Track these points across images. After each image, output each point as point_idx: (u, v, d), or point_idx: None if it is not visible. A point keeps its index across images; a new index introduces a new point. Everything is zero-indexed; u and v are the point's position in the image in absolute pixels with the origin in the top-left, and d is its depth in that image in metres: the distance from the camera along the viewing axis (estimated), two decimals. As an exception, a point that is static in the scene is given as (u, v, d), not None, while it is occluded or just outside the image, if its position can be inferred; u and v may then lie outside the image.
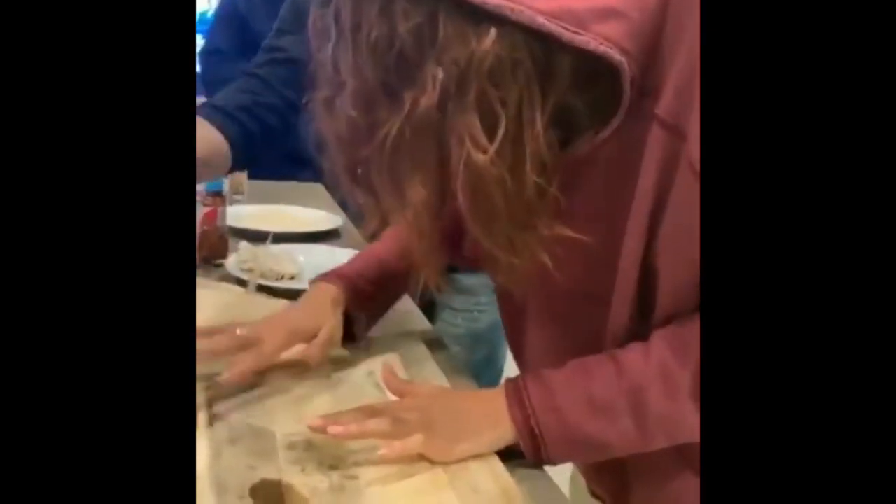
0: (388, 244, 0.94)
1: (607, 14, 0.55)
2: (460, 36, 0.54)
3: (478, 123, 0.55)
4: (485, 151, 0.55)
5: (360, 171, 0.63)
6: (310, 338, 0.83)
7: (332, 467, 0.67)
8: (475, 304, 1.64)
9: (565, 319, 0.73)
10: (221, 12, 2.17)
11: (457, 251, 0.76)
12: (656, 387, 0.65)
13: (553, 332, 0.75)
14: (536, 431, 0.67)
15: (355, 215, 1.46)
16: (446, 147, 0.58)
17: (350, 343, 0.89)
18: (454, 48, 0.54)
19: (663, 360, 0.65)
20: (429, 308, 1.35)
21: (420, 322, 1.06)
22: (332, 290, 0.88)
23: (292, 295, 1.11)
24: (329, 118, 0.62)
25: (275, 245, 1.24)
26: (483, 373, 1.65)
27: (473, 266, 0.80)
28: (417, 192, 0.60)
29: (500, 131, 0.55)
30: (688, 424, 0.65)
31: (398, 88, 0.56)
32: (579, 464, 0.85)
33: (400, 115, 0.56)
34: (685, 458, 0.71)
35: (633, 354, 0.66)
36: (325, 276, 0.91)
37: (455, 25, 0.54)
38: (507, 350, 1.47)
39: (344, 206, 1.59)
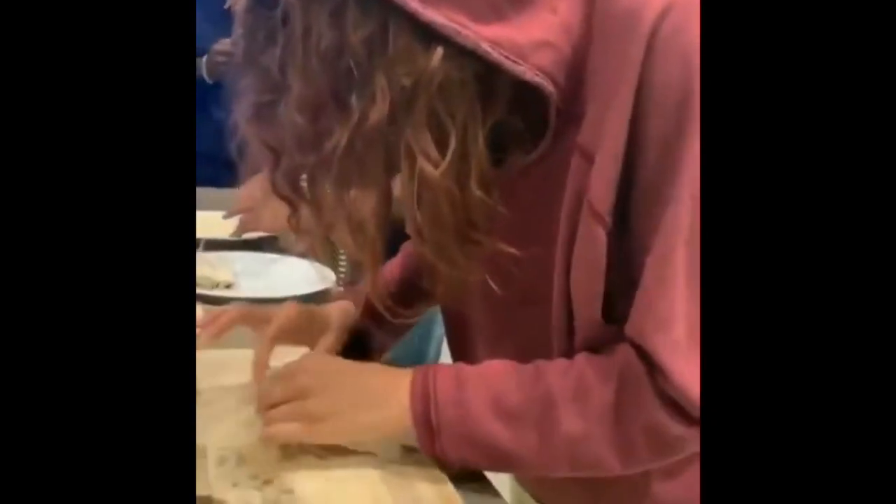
0: (404, 258, 0.90)
1: (543, 46, 0.57)
2: (409, 51, 0.55)
3: (429, 138, 0.56)
4: (436, 165, 0.56)
5: (300, 180, 0.62)
6: (309, 338, 0.82)
7: (267, 482, 0.64)
8: None
9: (509, 327, 0.72)
10: None
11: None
12: (570, 401, 0.62)
13: (498, 339, 0.73)
14: (433, 422, 0.64)
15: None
16: (394, 158, 0.58)
17: (365, 357, 0.85)
18: (404, 62, 0.55)
19: (583, 377, 0.62)
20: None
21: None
22: (343, 303, 0.86)
23: (226, 303, 1.08)
24: (265, 123, 0.61)
25: (210, 252, 1.21)
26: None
27: None
28: (365, 203, 0.60)
29: (451, 146, 0.56)
30: (595, 452, 0.61)
31: (347, 97, 0.56)
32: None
33: (349, 126, 0.56)
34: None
35: (554, 365, 0.64)
36: (345, 291, 0.91)
37: (404, 40, 0.55)
38: (434, 348, 1.45)
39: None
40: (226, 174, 1.05)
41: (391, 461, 0.68)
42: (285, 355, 0.77)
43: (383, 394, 0.67)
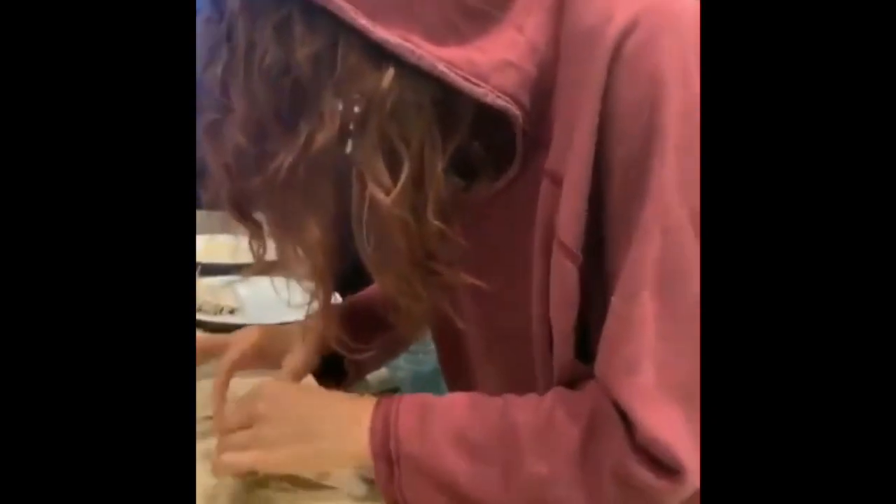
0: None
1: (505, 67, 0.55)
2: (360, 71, 0.53)
3: (381, 163, 0.54)
4: (388, 192, 0.54)
5: (247, 204, 0.60)
6: (274, 361, 0.76)
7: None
8: (419, 345, 1.59)
9: (495, 362, 0.69)
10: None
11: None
12: (537, 440, 0.58)
13: (487, 374, 0.70)
14: (393, 454, 0.59)
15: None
16: (343, 185, 0.56)
17: (333, 383, 0.80)
18: (354, 82, 0.53)
19: (552, 415, 0.58)
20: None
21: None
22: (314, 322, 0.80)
23: (230, 330, 1.04)
24: (213, 144, 0.58)
25: (214, 277, 1.17)
26: None
27: None
28: (312, 232, 0.57)
29: (404, 172, 0.54)
30: (561, 496, 0.57)
31: (293, 119, 0.54)
32: None
33: (294, 149, 0.54)
34: None
35: (524, 401, 0.60)
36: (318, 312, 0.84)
37: (355, 58, 0.53)
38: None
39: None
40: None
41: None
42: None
43: (344, 422, 0.62)
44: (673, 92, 0.51)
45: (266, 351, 0.77)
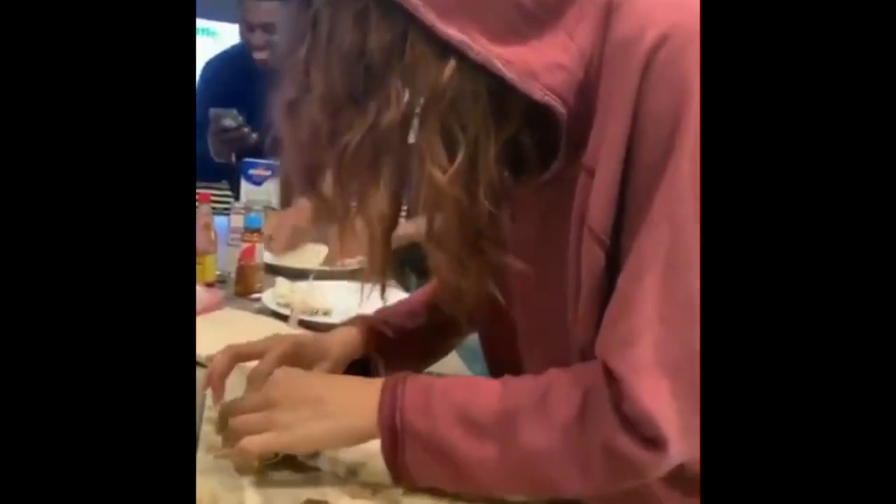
0: (427, 293, 0.94)
1: (555, 68, 0.60)
2: (425, 60, 0.58)
3: (440, 144, 0.59)
4: (445, 171, 0.60)
5: (316, 177, 0.66)
6: (305, 366, 0.83)
7: (376, 492, 0.69)
8: None
9: (540, 347, 0.74)
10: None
11: None
12: (533, 415, 0.62)
13: (533, 361, 0.76)
14: (398, 428, 0.65)
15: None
16: (404, 162, 0.62)
17: None
18: (420, 70, 0.58)
19: (548, 392, 0.62)
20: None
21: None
22: (349, 331, 0.89)
23: (326, 329, 1.15)
24: (291, 121, 0.65)
25: (309, 281, 1.29)
26: None
27: None
28: (373, 202, 0.64)
29: (460, 154, 0.59)
30: (554, 468, 0.61)
31: (364, 100, 0.60)
32: None
33: (363, 126, 0.60)
34: None
35: (523, 380, 0.65)
36: (351, 320, 0.92)
37: (421, 49, 0.58)
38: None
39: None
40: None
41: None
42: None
43: (353, 402, 0.68)
44: (694, 101, 0.55)
45: (300, 359, 0.82)
